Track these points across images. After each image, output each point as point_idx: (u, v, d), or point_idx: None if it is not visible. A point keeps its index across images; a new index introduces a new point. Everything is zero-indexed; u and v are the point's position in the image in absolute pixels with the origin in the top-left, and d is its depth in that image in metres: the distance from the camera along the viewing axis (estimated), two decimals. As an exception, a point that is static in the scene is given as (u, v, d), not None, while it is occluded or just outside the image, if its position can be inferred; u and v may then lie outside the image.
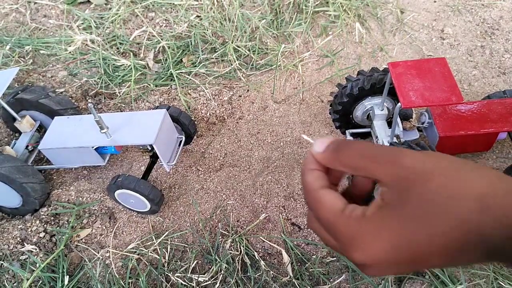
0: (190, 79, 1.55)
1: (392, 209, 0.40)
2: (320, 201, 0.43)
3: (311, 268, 1.07)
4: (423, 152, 0.40)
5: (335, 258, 1.08)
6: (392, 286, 1.01)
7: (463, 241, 0.39)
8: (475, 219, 0.38)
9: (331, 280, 1.05)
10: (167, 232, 1.18)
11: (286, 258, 1.09)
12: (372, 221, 0.41)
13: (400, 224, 0.40)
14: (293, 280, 1.05)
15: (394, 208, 0.40)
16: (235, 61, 1.57)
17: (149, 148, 1.20)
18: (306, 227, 1.15)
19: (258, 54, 1.61)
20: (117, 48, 1.69)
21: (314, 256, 1.09)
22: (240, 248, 1.11)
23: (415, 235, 0.40)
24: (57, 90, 1.54)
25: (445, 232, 0.39)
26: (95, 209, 1.25)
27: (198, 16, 1.75)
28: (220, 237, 1.15)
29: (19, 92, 1.31)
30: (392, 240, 0.41)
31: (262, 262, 1.07)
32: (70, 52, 1.68)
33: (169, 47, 1.62)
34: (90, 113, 1.09)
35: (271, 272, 1.07)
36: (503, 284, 0.98)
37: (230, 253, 1.10)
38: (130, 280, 1.09)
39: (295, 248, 1.10)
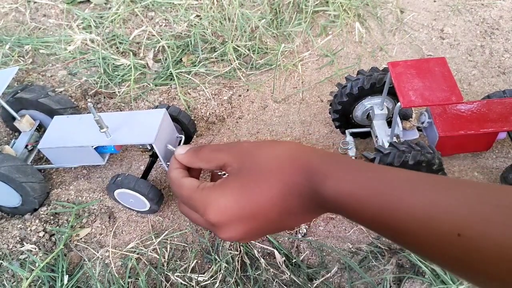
0: (190, 78, 1.55)
1: (233, 176, 0.53)
2: (181, 185, 0.55)
3: (300, 264, 1.07)
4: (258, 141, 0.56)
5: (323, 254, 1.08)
6: (391, 285, 1.01)
7: (286, 191, 0.52)
8: (288, 171, 0.52)
9: (325, 274, 1.05)
10: (166, 232, 1.18)
11: (278, 257, 1.09)
12: (219, 186, 0.54)
13: (238, 184, 0.52)
14: (291, 276, 1.05)
15: (235, 175, 0.53)
16: (234, 61, 1.57)
17: (149, 148, 1.20)
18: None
19: (257, 53, 1.61)
20: (117, 48, 1.69)
21: (304, 253, 1.09)
22: (239, 247, 1.11)
23: (250, 191, 0.52)
24: (56, 89, 1.54)
25: (271, 186, 0.52)
26: (94, 209, 1.24)
27: (197, 16, 1.75)
28: (220, 236, 1.14)
29: (19, 91, 1.31)
30: (234, 197, 0.52)
31: (262, 260, 1.07)
32: (69, 52, 1.68)
33: (168, 47, 1.62)
34: (90, 113, 1.09)
35: (271, 270, 1.07)
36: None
37: (230, 252, 1.10)
38: (129, 280, 1.09)
39: (283, 248, 1.10)
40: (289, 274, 1.05)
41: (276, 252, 1.09)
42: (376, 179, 0.49)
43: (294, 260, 1.08)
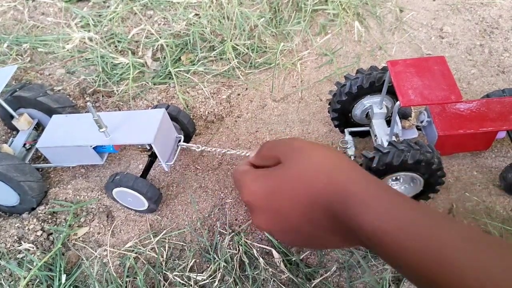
0: (189, 77, 1.55)
1: (276, 168, 0.56)
2: (235, 169, 0.61)
3: (299, 263, 1.07)
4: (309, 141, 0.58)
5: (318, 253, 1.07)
6: (390, 284, 1.01)
7: (313, 202, 0.52)
8: (322, 188, 0.52)
9: (323, 273, 1.04)
10: (165, 231, 1.18)
11: (276, 256, 1.08)
12: (259, 172, 0.58)
13: (273, 176, 0.55)
14: (289, 275, 1.04)
15: (277, 168, 0.56)
16: (233, 60, 1.57)
17: (148, 147, 1.20)
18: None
19: (256, 52, 1.60)
20: (115, 46, 1.68)
21: (301, 254, 1.09)
22: (238, 246, 1.10)
23: (280, 186, 0.54)
24: (55, 88, 1.54)
25: (300, 191, 0.53)
26: (92, 208, 1.24)
27: (196, 14, 1.74)
28: (218, 235, 1.14)
29: (17, 90, 1.30)
30: (264, 186, 0.55)
31: (260, 260, 1.07)
32: (68, 50, 1.68)
33: (167, 45, 1.62)
34: (88, 111, 1.08)
35: (270, 269, 1.06)
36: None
37: (229, 251, 1.09)
38: (127, 279, 1.09)
39: (281, 247, 1.10)
40: (287, 273, 1.05)
41: (274, 252, 1.09)
42: (425, 227, 0.47)
43: (293, 259, 1.08)
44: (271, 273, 1.06)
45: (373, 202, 0.50)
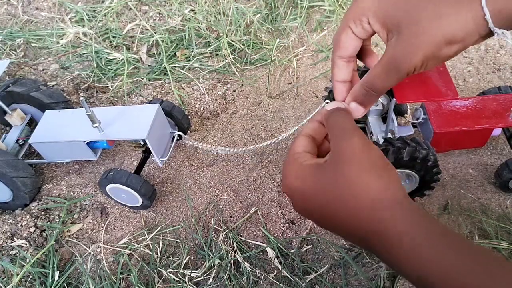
0: (184, 73, 1.54)
1: (320, 169, 0.51)
2: (292, 158, 0.56)
3: (294, 260, 1.06)
4: (367, 143, 0.52)
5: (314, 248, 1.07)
6: (385, 281, 1.01)
7: (349, 224, 0.49)
8: (365, 217, 0.47)
9: (317, 269, 1.04)
10: (159, 228, 1.17)
11: (271, 253, 1.08)
12: (304, 169, 0.53)
13: (315, 182, 0.51)
14: (283, 271, 1.04)
15: (322, 170, 0.51)
16: (229, 56, 1.56)
17: (142, 143, 1.19)
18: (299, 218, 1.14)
19: (252, 48, 1.60)
20: (110, 42, 1.67)
21: (293, 250, 1.08)
22: (232, 243, 1.10)
23: (317, 197, 0.50)
24: (48, 83, 1.52)
25: (337, 210, 0.49)
26: (86, 204, 1.23)
27: (192, 10, 1.73)
28: (213, 232, 1.14)
29: (10, 85, 1.29)
30: (303, 189, 0.52)
31: (250, 261, 1.07)
32: (62, 45, 1.66)
33: (162, 41, 1.60)
34: (82, 107, 1.07)
35: (265, 266, 1.06)
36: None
37: (224, 248, 1.09)
38: (121, 276, 1.08)
39: (277, 241, 1.10)
40: (281, 269, 1.05)
41: (268, 249, 1.09)
42: (473, 279, 0.42)
43: (291, 252, 1.07)
44: (264, 270, 1.06)
45: (416, 249, 0.46)
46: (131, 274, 1.07)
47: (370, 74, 0.54)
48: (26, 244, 1.13)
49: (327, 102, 1.01)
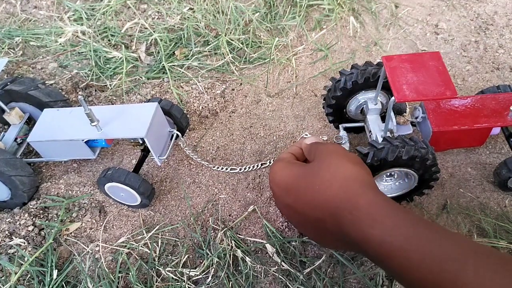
0: (183, 72, 1.53)
1: (302, 165, 0.66)
2: (278, 159, 0.74)
3: (294, 252, 1.06)
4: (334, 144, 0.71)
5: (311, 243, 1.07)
6: (383, 280, 1.01)
7: (323, 204, 0.59)
8: (335, 193, 0.59)
9: (314, 263, 1.04)
10: (158, 226, 1.17)
11: (270, 249, 1.08)
12: (289, 165, 0.68)
13: (297, 173, 0.64)
14: (283, 264, 1.04)
15: (304, 165, 0.66)
16: (228, 54, 1.56)
17: (140, 142, 1.19)
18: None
19: (251, 47, 1.59)
20: (109, 40, 1.67)
21: (294, 243, 1.08)
22: (231, 242, 1.10)
23: (300, 184, 0.62)
24: (47, 82, 1.52)
25: (314, 194, 0.60)
26: (85, 203, 1.23)
27: (191, 9, 1.73)
28: (212, 231, 1.13)
29: (8, 83, 1.28)
30: (287, 178, 0.65)
31: (248, 258, 1.07)
32: (60, 44, 1.66)
33: (161, 40, 1.60)
34: (81, 106, 1.07)
35: (264, 260, 1.06)
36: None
37: (221, 247, 1.09)
38: (120, 274, 1.08)
39: (274, 236, 1.09)
40: (280, 262, 1.04)
41: (268, 246, 1.08)
42: (429, 241, 0.50)
43: (292, 245, 1.07)
44: (263, 268, 1.05)
45: (381, 217, 0.54)
46: (130, 273, 1.07)
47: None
48: (24, 243, 1.13)
49: (306, 135, 1.11)
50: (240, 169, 1.25)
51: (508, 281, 0.43)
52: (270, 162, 1.26)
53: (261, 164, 1.25)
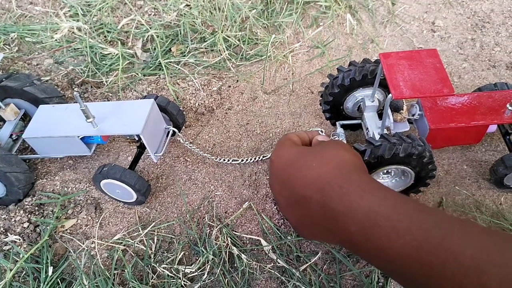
0: (179, 68, 1.53)
1: (307, 147, 0.74)
2: (286, 137, 0.82)
3: (292, 247, 1.06)
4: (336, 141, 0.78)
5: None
6: (379, 277, 1.01)
7: (315, 181, 0.63)
8: (328, 170, 0.63)
9: (310, 260, 1.04)
10: (153, 223, 1.16)
11: (266, 246, 1.08)
12: (293, 144, 0.75)
13: (298, 152, 0.69)
14: (278, 261, 1.04)
15: (309, 148, 0.73)
16: (224, 51, 1.55)
17: (136, 138, 1.18)
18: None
19: (248, 44, 1.59)
20: (105, 37, 1.66)
21: (290, 237, 1.08)
22: (226, 239, 1.10)
23: (299, 161, 0.66)
24: (42, 78, 1.51)
25: (310, 171, 0.64)
26: (80, 200, 1.22)
27: (187, 5, 1.72)
28: (208, 228, 1.13)
29: (3, 79, 1.27)
30: (289, 155, 0.70)
31: (244, 255, 1.06)
32: (56, 40, 1.65)
33: (157, 36, 1.60)
34: (76, 102, 1.06)
35: (258, 262, 1.06)
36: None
37: (216, 244, 1.09)
38: (115, 271, 1.07)
39: (270, 233, 1.09)
40: (276, 259, 1.04)
41: (262, 241, 1.08)
42: (421, 212, 0.52)
43: (288, 239, 1.07)
44: (259, 265, 1.05)
45: (370, 189, 0.58)
46: (125, 270, 1.06)
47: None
48: (19, 240, 1.12)
49: (322, 131, 1.14)
50: (242, 160, 1.25)
51: (492, 247, 0.45)
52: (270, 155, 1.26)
53: (263, 157, 1.25)
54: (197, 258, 1.09)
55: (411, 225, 0.49)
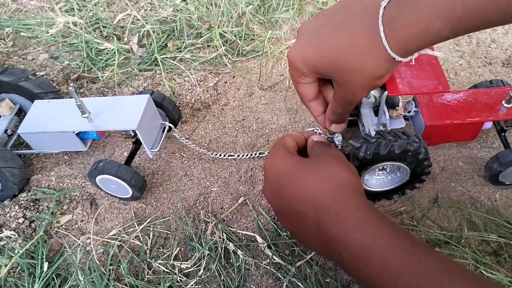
0: (175, 64, 1.52)
1: (300, 158, 0.70)
2: (282, 143, 0.77)
3: (286, 244, 1.06)
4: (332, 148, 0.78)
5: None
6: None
7: (309, 200, 0.61)
8: (324, 190, 0.61)
9: (306, 256, 1.04)
10: (149, 219, 1.16)
11: (261, 242, 1.08)
12: (290, 154, 0.72)
13: (294, 165, 0.68)
14: (274, 257, 1.04)
15: (302, 159, 0.70)
16: (221, 47, 1.55)
17: (132, 134, 1.18)
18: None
19: (244, 40, 1.59)
20: (100, 32, 1.65)
21: (285, 233, 1.08)
22: (222, 234, 1.10)
23: (294, 176, 0.65)
24: (37, 73, 1.50)
25: (304, 187, 0.62)
26: (76, 195, 1.22)
27: (184, 1, 1.72)
28: (203, 224, 1.13)
29: (-2, 74, 1.27)
30: (283, 167, 0.67)
31: (240, 251, 1.07)
32: (51, 35, 1.64)
33: (153, 32, 1.59)
34: (72, 97, 1.06)
35: (253, 258, 1.06)
36: (484, 273, 0.98)
37: (212, 239, 1.09)
38: (111, 267, 1.07)
39: (266, 229, 1.10)
40: (271, 256, 1.05)
41: (258, 237, 1.08)
42: (413, 256, 0.51)
43: (284, 235, 1.07)
44: (254, 261, 1.06)
45: (366, 223, 0.56)
46: (121, 266, 1.06)
47: (333, 106, 0.71)
48: (14, 235, 1.12)
49: (317, 130, 1.10)
50: (238, 156, 1.25)
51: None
52: (267, 153, 1.26)
53: (259, 153, 1.25)
54: (192, 253, 1.09)
55: (404, 269, 0.49)
